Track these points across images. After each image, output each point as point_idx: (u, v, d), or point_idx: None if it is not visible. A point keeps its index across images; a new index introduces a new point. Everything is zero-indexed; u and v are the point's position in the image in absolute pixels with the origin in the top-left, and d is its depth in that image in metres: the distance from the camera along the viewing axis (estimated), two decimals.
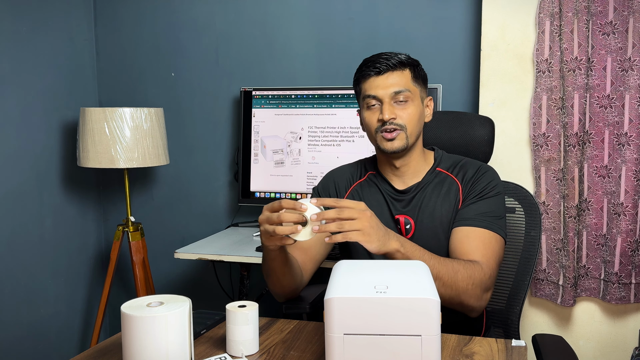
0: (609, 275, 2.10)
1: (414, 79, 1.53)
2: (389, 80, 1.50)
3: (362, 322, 1.04)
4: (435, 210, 1.54)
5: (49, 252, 2.62)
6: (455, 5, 2.36)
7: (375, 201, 1.59)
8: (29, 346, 2.53)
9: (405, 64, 1.52)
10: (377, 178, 1.62)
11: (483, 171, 1.57)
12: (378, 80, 1.51)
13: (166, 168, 2.80)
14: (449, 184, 1.57)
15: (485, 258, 1.45)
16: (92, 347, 1.34)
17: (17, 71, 2.44)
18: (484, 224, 1.49)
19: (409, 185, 1.58)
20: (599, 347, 2.20)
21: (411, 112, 1.51)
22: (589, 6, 2.03)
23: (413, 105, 1.52)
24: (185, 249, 2.22)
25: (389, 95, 1.50)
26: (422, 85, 1.56)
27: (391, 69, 1.50)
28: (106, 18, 2.83)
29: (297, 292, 1.57)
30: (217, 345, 1.32)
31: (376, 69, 1.50)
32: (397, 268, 1.22)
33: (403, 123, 1.50)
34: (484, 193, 1.53)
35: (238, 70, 2.66)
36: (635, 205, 2.05)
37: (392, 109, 1.50)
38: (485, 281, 1.42)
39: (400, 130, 1.50)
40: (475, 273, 1.41)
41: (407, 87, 1.51)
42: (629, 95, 2.02)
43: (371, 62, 1.52)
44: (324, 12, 2.53)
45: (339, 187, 1.65)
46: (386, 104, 1.50)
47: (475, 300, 1.42)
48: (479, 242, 1.48)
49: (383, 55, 1.52)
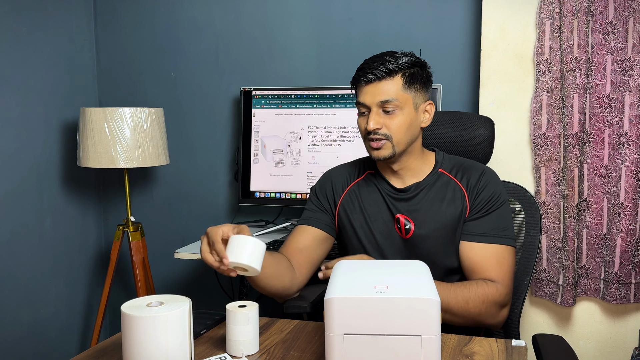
0: (609, 275, 2.10)
1: (406, 86, 1.49)
2: (376, 89, 1.48)
3: (362, 322, 1.04)
4: (440, 214, 1.54)
5: (49, 252, 2.62)
6: (455, 5, 2.36)
7: (372, 200, 1.59)
8: (29, 346, 2.53)
9: (397, 70, 1.48)
10: (375, 177, 1.62)
11: (486, 178, 1.56)
12: (367, 89, 1.50)
13: (166, 168, 2.80)
14: (453, 188, 1.56)
15: (501, 276, 1.48)
16: (92, 347, 1.34)
17: (17, 71, 2.44)
18: (496, 239, 1.51)
19: (408, 185, 1.58)
20: (599, 347, 2.20)
21: (399, 122, 1.49)
22: (589, 6, 2.03)
23: (402, 114, 1.49)
24: (185, 249, 2.22)
25: (376, 104, 1.48)
26: (418, 90, 1.51)
27: (378, 79, 1.48)
28: (106, 18, 2.83)
29: (292, 291, 1.55)
30: (217, 345, 1.32)
31: (365, 77, 1.49)
32: (397, 268, 1.22)
33: (389, 133, 1.49)
34: (492, 204, 1.54)
35: (238, 70, 2.66)
36: (635, 205, 2.05)
37: (378, 118, 1.48)
38: (501, 300, 1.46)
39: (386, 140, 1.49)
40: (489, 294, 1.44)
41: (395, 96, 1.47)
42: (629, 95, 2.02)
43: (363, 68, 1.51)
44: (324, 12, 2.53)
45: (336, 186, 1.65)
46: (373, 113, 1.49)
47: (492, 319, 1.46)
48: (494, 260, 1.50)
49: (377, 61, 1.49)
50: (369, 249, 1.58)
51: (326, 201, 1.64)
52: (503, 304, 1.48)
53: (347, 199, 1.62)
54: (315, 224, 1.61)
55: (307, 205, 1.66)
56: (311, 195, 1.68)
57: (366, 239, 1.58)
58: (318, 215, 1.62)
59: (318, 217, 1.62)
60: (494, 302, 1.44)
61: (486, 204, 1.54)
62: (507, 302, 1.50)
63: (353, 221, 1.59)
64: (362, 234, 1.58)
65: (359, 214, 1.59)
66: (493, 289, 1.45)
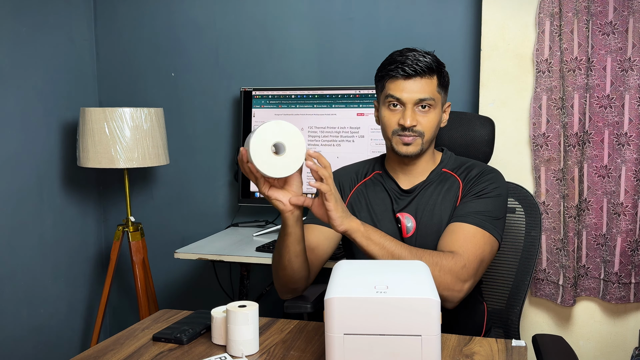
0: (608, 275, 2.10)
1: (439, 86, 1.51)
2: (415, 86, 1.47)
3: (362, 322, 1.04)
4: (435, 208, 1.54)
5: (49, 252, 2.62)
6: (455, 5, 2.36)
7: (379, 199, 1.59)
8: (29, 346, 2.53)
9: (434, 70, 1.49)
10: (383, 177, 1.62)
11: (487, 172, 1.56)
12: (405, 84, 1.48)
13: (166, 168, 2.80)
14: (450, 182, 1.57)
15: (463, 249, 1.41)
16: (92, 347, 1.34)
17: (17, 71, 2.44)
18: (475, 221, 1.46)
19: (414, 185, 1.58)
20: (599, 347, 2.20)
21: (431, 120, 1.50)
22: (589, 6, 2.03)
23: (434, 113, 1.50)
24: (185, 249, 2.22)
25: (413, 101, 1.48)
26: (445, 92, 1.55)
27: (420, 75, 1.47)
28: (106, 18, 2.83)
29: (303, 285, 1.54)
30: (217, 345, 1.32)
31: (405, 72, 1.47)
32: (397, 268, 1.22)
33: (422, 130, 1.49)
34: (484, 192, 1.52)
35: (238, 70, 2.66)
36: (635, 205, 2.05)
37: (414, 115, 1.48)
38: (457, 270, 1.37)
39: (418, 136, 1.50)
40: (444, 260, 1.37)
41: (432, 95, 1.48)
42: (629, 95, 2.02)
43: (400, 62, 1.48)
44: (324, 12, 2.53)
45: (344, 186, 1.65)
46: (409, 110, 1.48)
47: (445, 289, 1.36)
48: (462, 235, 1.44)
49: (413, 56, 1.48)
50: None
51: None
52: (462, 277, 1.38)
53: (354, 198, 1.62)
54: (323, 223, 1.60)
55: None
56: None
57: None
58: None
59: None
60: (449, 271, 1.36)
61: (478, 191, 1.52)
62: (466, 277, 1.40)
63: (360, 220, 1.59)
64: None
65: (366, 213, 1.59)
66: (449, 256, 1.38)
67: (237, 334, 1.25)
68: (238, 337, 1.25)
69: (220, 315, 1.32)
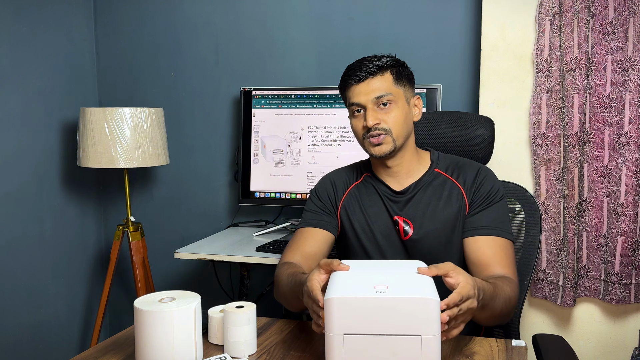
0: (609, 276, 2.10)
1: (397, 81, 1.52)
2: (369, 86, 1.50)
3: (362, 322, 1.04)
4: (437, 213, 1.54)
5: (49, 252, 2.62)
6: (455, 5, 2.36)
7: (372, 202, 1.59)
8: (29, 346, 2.53)
9: (386, 67, 1.51)
10: (373, 179, 1.62)
11: (483, 175, 1.57)
12: (359, 87, 1.51)
13: (166, 168, 2.80)
14: (449, 187, 1.57)
15: (511, 271, 1.47)
16: (92, 347, 1.34)
17: (17, 71, 2.44)
18: (497, 232, 1.50)
19: (406, 186, 1.58)
20: (599, 347, 2.20)
21: (395, 115, 1.51)
22: (589, 6, 2.03)
23: (397, 108, 1.51)
24: (185, 249, 2.22)
25: (371, 101, 1.50)
26: (407, 86, 1.55)
27: (370, 75, 1.50)
28: (106, 18, 2.83)
29: None
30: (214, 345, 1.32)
31: (356, 76, 1.51)
32: (397, 268, 1.22)
33: (388, 127, 1.50)
34: (490, 199, 1.54)
35: (238, 70, 2.66)
36: (635, 206, 2.05)
37: (376, 114, 1.50)
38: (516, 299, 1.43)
39: (386, 134, 1.51)
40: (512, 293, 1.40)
41: (388, 90, 1.50)
42: (629, 95, 2.02)
43: (352, 69, 1.52)
44: (324, 12, 2.53)
45: (337, 188, 1.65)
46: (369, 110, 1.50)
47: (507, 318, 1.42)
48: (503, 254, 1.48)
49: (363, 61, 1.52)
50: (370, 250, 1.58)
51: (328, 202, 1.64)
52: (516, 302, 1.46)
53: (348, 201, 1.62)
54: (322, 226, 1.60)
55: (308, 207, 1.65)
56: (312, 197, 1.67)
57: (367, 240, 1.58)
58: (323, 217, 1.62)
59: (323, 218, 1.62)
60: (514, 303, 1.42)
61: (486, 199, 1.54)
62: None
63: (354, 222, 1.59)
64: (363, 235, 1.58)
65: (360, 215, 1.59)
66: (514, 287, 1.42)
67: (235, 334, 1.25)
68: (236, 338, 1.25)
69: (217, 314, 1.32)
